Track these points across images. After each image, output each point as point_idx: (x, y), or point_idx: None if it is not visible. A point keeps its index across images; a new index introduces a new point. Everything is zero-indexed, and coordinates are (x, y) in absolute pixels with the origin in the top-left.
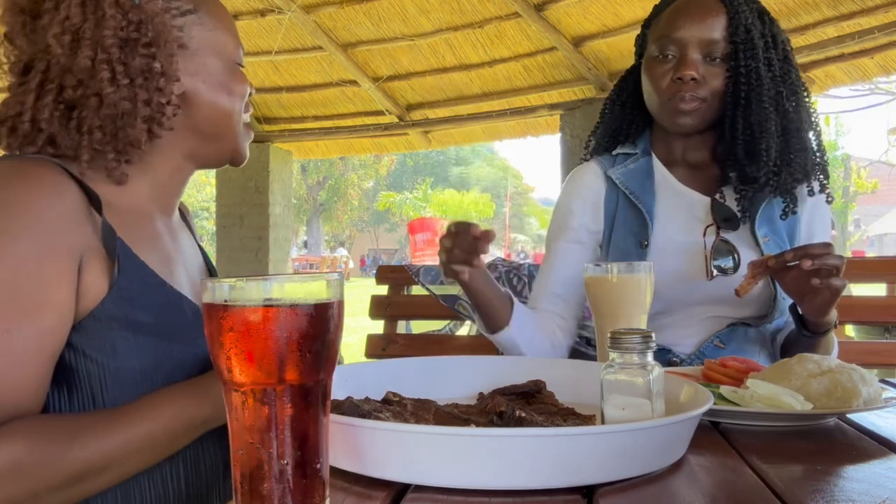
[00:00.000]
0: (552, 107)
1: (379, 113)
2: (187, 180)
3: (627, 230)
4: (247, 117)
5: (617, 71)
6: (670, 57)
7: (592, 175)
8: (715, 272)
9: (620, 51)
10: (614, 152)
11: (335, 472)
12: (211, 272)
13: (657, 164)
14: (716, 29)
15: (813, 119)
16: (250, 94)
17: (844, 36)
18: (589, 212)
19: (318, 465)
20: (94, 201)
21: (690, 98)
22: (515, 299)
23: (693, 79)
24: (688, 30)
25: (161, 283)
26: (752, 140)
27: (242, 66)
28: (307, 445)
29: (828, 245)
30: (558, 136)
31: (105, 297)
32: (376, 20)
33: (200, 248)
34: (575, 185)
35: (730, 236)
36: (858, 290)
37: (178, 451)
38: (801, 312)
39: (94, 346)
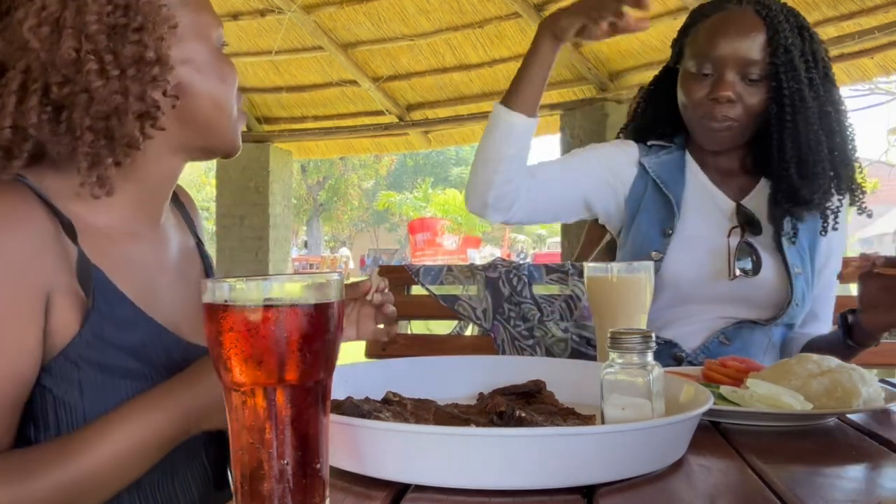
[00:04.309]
0: (552, 107)
1: (379, 113)
2: (179, 175)
3: (652, 216)
4: (239, 104)
5: (617, 71)
6: (707, 74)
7: (627, 158)
8: (738, 272)
9: (620, 51)
10: (649, 143)
11: (335, 472)
12: (208, 276)
13: (690, 160)
14: (754, 48)
15: (851, 135)
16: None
17: (844, 36)
18: (621, 169)
19: (318, 465)
20: (66, 227)
21: (723, 118)
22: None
23: (729, 99)
24: (725, 49)
25: (141, 318)
26: (803, 162)
27: (225, 45)
28: (307, 445)
29: None
30: (558, 136)
31: (76, 336)
32: (376, 20)
33: (200, 247)
34: (618, 145)
35: (753, 240)
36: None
37: (172, 467)
38: (852, 321)
39: (63, 389)
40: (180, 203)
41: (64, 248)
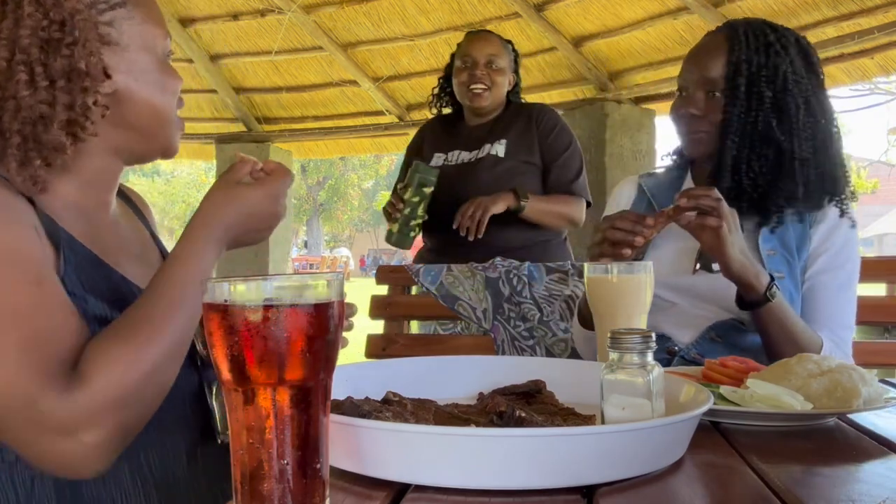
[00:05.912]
0: (552, 107)
1: (379, 113)
2: (119, 175)
3: None
4: (178, 112)
5: (617, 71)
6: (683, 94)
7: (628, 186)
8: (698, 266)
9: (620, 51)
10: (658, 167)
11: (335, 472)
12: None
13: (689, 176)
14: (715, 68)
15: (822, 140)
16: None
17: (844, 36)
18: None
19: (318, 465)
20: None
21: (694, 130)
22: None
23: (693, 115)
24: (691, 70)
25: (110, 272)
26: (740, 165)
27: (171, 55)
28: (307, 445)
29: (710, 189)
30: None
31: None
32: (376, 20)
33: (156, 239)
34: (612, 196)
35: None
36: (858, 290)
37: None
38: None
39: None
40: (133, 203)
41: (28, 208)
